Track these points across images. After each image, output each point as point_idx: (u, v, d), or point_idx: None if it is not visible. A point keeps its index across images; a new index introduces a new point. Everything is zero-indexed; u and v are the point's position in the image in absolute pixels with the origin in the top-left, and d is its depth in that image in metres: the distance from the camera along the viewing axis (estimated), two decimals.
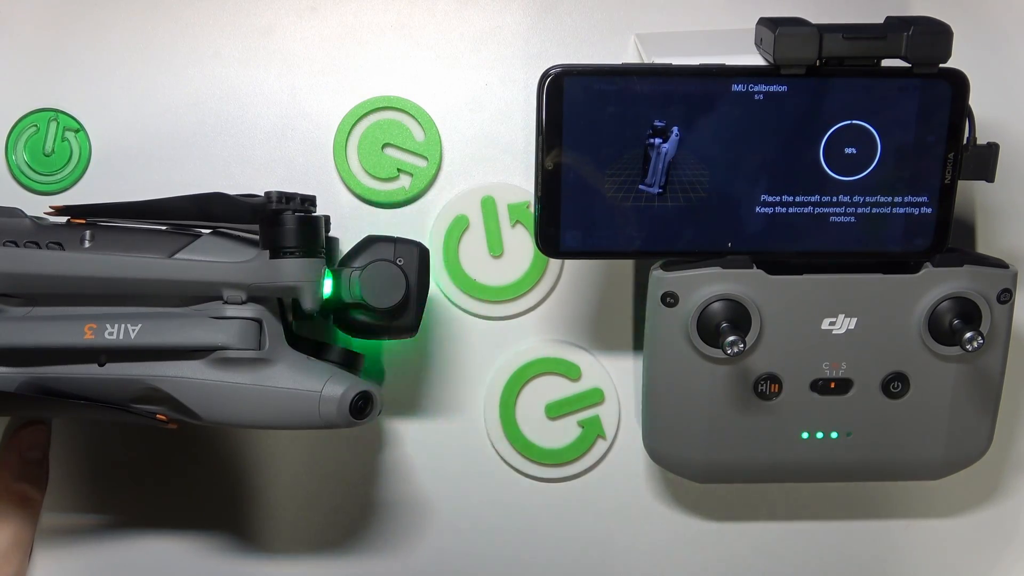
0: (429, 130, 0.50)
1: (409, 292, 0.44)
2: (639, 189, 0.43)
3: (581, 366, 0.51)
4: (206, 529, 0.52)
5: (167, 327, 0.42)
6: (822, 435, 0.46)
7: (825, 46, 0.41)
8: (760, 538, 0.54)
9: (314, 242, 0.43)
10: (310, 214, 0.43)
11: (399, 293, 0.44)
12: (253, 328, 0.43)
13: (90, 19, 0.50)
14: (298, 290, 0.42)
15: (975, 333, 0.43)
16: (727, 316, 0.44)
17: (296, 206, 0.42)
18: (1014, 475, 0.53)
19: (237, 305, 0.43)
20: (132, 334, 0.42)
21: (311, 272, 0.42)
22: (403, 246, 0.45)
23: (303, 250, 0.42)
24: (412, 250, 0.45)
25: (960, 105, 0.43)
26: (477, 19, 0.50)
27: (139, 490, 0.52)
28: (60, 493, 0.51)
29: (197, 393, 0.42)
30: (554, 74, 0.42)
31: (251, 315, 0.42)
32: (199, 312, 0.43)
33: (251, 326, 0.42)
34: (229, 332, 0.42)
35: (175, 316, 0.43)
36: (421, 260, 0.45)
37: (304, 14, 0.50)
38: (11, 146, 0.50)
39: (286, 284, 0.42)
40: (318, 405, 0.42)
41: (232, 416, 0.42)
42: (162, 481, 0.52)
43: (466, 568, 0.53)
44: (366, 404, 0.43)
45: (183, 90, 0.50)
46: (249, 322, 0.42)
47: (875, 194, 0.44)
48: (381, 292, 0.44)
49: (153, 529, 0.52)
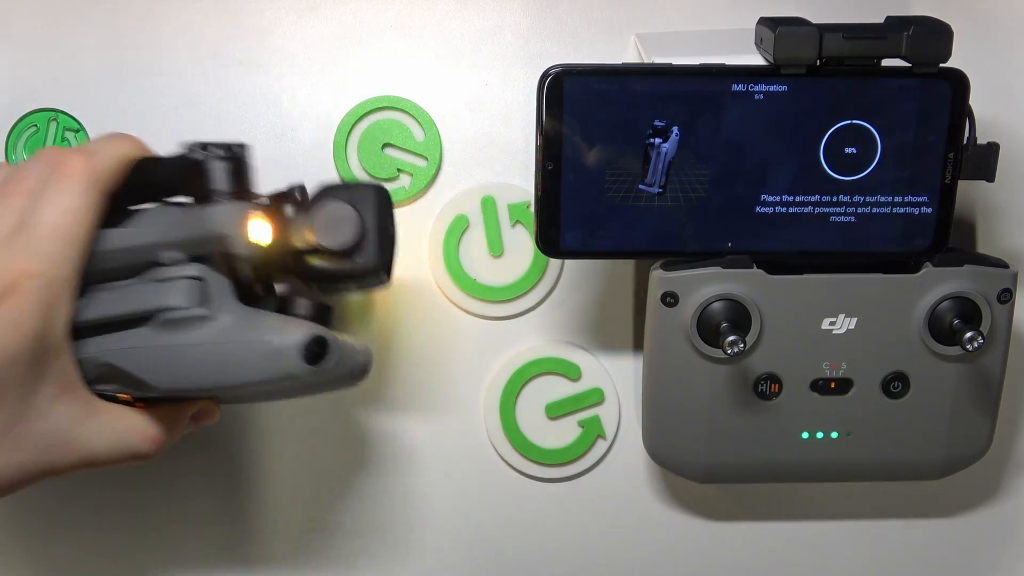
0: (429, 130, 0.50)
1: (365, 228, 0.42)
2: (639, 189, 0.43)
3: (581, 366, 0.51)
4: (206, 529, 0.52)
5: (108, 299, 0.41)
6: (822, 435, 0.46)
7: (825, 46, 0.41)
8: (760, 538, 0.54)
9: (239, 186, 0.40)
10: (236, 158, 0.41)
11: (352, 229, 0.41)
12: (194, 286, 0.40)
13: (90, 19, 0.50)
14: (227, 238, 0.40)
15: (975, 333, 0.43)
16: (727, 316, 0.44)
17: (217, 153, 0.40)
18: (1014, 475, 0.53)
19: (177, 266, 0.40)
20: (77, 313, 0.40)
21: (234, 215, 0.40)
22: (359, 189, 0.42)
23: (228, 195, 0.40)
24: (368, 191, 0.42)
25: (960, 105, 0.43)
26: (477, 19, 0.50)
27: (133, 495, 0.52)
28: (48, 495, 0.52)
29: (145, 360, 0.40)
30: (554, 74, 0.42)
31: (192, 273, 0.40)
32: (140, 280, 0.41)
33: (192, 284, 0.40)
34: (168, 293, 0.40)
35: (116, 288, 0.41)
36: (379, 199, 0.42)
37: (304, 14, 0.50)
38: (11, 146, 0.50)
39: (212, 232, 0.40)
40: (269, 355, 0.39)
41: (185, 380, 0.40)
42: (159, 483, 0.52)
43: (466, 568, 0.53)
44: (321, 349, 0.40)
45: (183, 90, 0.50)
46: (189, 281, 0.40)
47: (875, 194, 0.44)
48: (334, 231, 0.41)
49: (151, 530, 0.52)
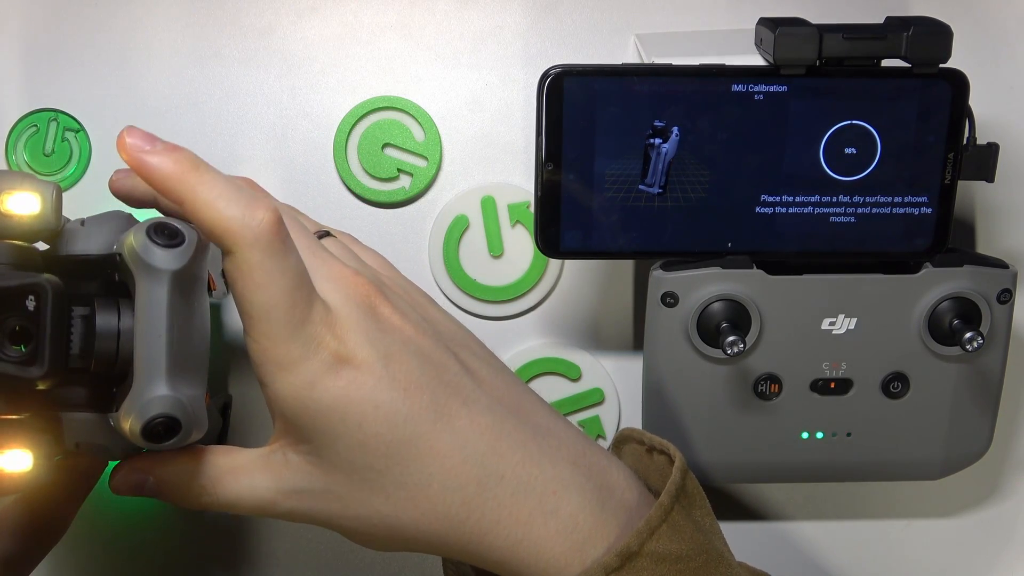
0: (429, 130, 0.50)
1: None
2: (639, 189, 0.43)
3: (581, 366, 0.51)
4: (204, 529, 0.52)
5: None
6: (822, 435, 0.46)
7: (825, 46, 0.41)
8: (760, 538, 0.54)
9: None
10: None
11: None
12: None
13: (90, 19, 0.50)
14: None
15: (975, 333, 0.43)
16: (727, 316, 0.44)
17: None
18: (1014, 475, 0.53)
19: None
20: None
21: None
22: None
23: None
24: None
25: (960, 105, 0.43)
26: (477, 19, 0.50)
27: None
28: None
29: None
30: (554, 74, 0.42)
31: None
32: None
33: None
34: None
35: None
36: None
37: (304, 14, 0.50)
38: (11, 146, 0.49)
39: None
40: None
41: None
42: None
43: None
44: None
45: (183, 90, 0.50)
46: None
47: (875, 194, 0.44)
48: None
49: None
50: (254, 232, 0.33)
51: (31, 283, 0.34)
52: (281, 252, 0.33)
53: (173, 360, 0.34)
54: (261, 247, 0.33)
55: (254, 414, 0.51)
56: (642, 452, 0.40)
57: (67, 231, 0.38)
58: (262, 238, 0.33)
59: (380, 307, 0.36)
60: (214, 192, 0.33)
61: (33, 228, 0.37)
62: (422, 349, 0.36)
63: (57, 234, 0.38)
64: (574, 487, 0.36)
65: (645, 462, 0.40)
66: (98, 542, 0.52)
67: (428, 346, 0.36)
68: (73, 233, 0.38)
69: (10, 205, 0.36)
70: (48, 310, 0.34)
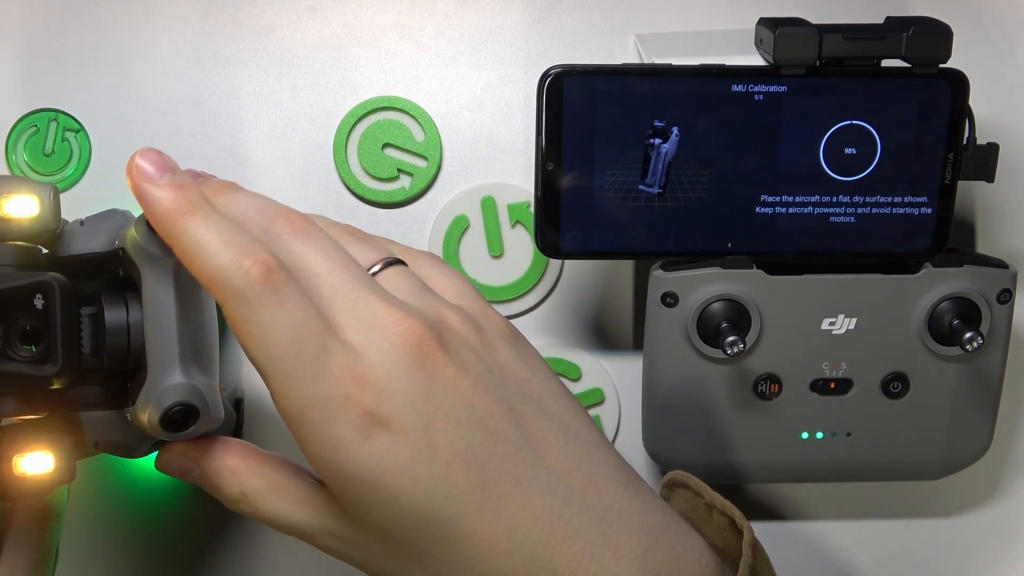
0: (429, 130, 0.50)
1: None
2: (639, 189, 0.43)
3: (581, 366, 0.51)
4: (204, 529, 0.52)
5: None
6: (822, 435, 0.46)
7: (825, 46, 0.41)
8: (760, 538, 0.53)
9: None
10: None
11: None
12: None
13: (90, 19, 0.50)
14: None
15: (975, 333, 0.43)
16: (727, 316, 0.44)
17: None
18: (1014, 475, 0.53)
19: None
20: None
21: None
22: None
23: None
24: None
25: (960, 105, 0.43)
26: (477, 19, 0.50)
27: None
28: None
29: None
30: (554, 74, 0.42)
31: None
32: None
33: None
34: None
35: None
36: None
37: (304, 14, 0.50)
38: (11, 146, 0.49)
39: None
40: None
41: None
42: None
43: None
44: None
45: (183, 90, 0.50)
46: None
47: (875, 194, 0.44)
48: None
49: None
50: (239, 284, 0.30)
51: (38, 281, 0.34)
52: (274, 303, 0.30)
53: (184, 348, 0.35)
54: (248, 300, 0.30)
55: (269, 411, 0.51)
56: (699, 504, 0.37)
57: (67, 232, 0.38)
58: (248, 290, 0.30)
59: (433, 356, 0.31)
60: (205, 238, 0.31)
61: (33, 230, 0.37)
62: (476, 412, 0.31)
63: (57, 235, 0.38)
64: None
65: (702, 514, 0.36)
66: (98, 542, 0.52)
67: (485, 407, 0.31)
68: (73, 233, 0.38)
69: (9, 209, 0.36)
70: (57, 307, 0.34)
